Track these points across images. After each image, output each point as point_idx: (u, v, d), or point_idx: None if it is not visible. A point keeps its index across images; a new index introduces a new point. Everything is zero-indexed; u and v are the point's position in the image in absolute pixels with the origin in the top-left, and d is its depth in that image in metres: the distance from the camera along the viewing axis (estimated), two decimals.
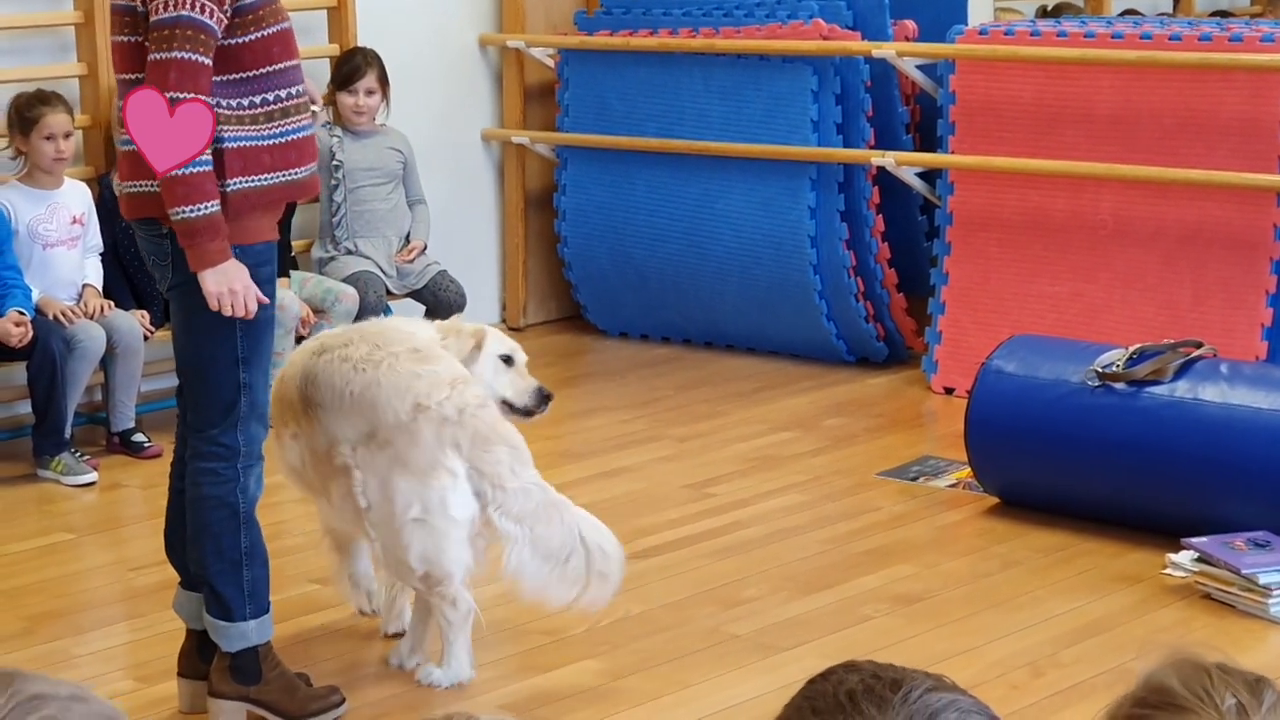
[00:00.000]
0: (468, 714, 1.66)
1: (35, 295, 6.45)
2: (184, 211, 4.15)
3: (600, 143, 8.23)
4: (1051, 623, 4.98)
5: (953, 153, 7.38)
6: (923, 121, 7.92)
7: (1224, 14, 10.18)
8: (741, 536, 5.75)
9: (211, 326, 4.23)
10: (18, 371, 6.61)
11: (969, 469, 6.01)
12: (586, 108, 8.30)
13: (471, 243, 8.40)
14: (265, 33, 4.25)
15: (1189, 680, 1.69)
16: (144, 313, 6.86)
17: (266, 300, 4.27)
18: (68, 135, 6.64)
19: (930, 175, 7.65)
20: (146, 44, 4.19)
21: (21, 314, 6.31)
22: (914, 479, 6.29)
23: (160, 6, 4.12)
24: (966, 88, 7.31)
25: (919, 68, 7.57)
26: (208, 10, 4.12)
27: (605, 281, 8.38)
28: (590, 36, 8.26)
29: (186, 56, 4.11)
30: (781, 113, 7.72)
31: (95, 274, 6.80)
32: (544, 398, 5.02)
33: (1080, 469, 5.66)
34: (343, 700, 4.47)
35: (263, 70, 4.25)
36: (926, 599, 5.19)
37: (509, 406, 4.93)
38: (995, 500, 5.97)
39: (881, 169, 7.57)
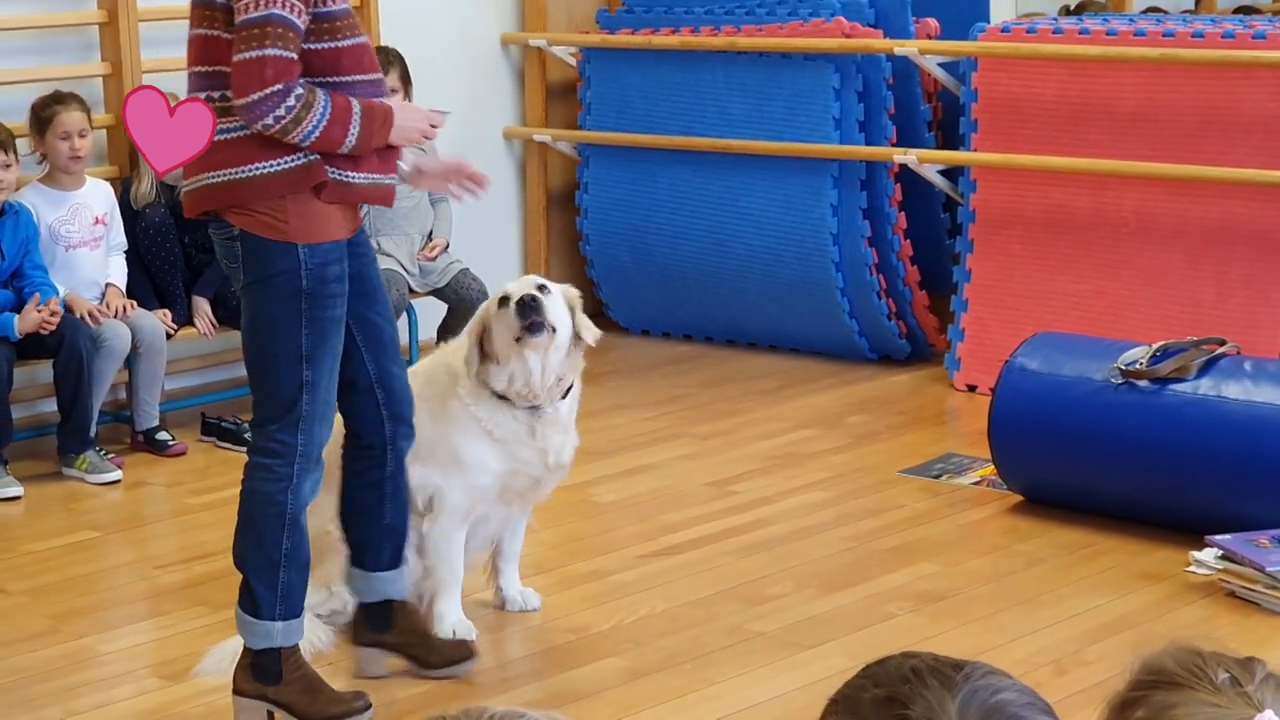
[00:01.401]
0: (480, 707, 1.67)
1: (62, 293, 6.46)
2: (347, 146, 4.25)
3: (622, 141, 8.23)
4: (1075, 620, 4.98)
5: (975, 150, 7.37)
6: (945, 119, 7.92)
7: (1247, 10, 10.15)
8: (765, 534, 5.75)
9: (276, 324, 4.27)
10: (43, 370, 6.63)
11: (992, 466, 6.01)
12: (608, 106, 8.31)
13: (493, 241, 8.41)
14: (337, 44, 4.28)
15: (1183, 660, 1.75)
16: (166, 312, 6.88)
17: (438, 115, 4.39)
18: (83, 133, 6.65)
19: (952, 173, 7.64)
20: (222, 38, 4.24)
21: (46, 305, 6.32)
22: (937, 477, 6.28)
23: (250, 5, 4.15)
24: (989, 85, 7.30)
25: (941, 65, 7.57)
26: (295, 9, 4.17)
27: (627, 279, 8.39)
28: (612, 35, 8.26)
29: (280, 53, 4.14)
30: (804, 110, 7.72)
31: (119, 274, 6.82)
32: (521, 303, 4.87)
33: (1104, 466, 5.65)
34: (367, 706, 4.45)
35: (329, 79, 4.27)
36: (950, 597, 5.18)
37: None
38: (1018, 498, 5.96)
39: (904, 166, 7.57)
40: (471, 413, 4.86)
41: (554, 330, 4.84)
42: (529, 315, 4.82)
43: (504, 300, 4.88)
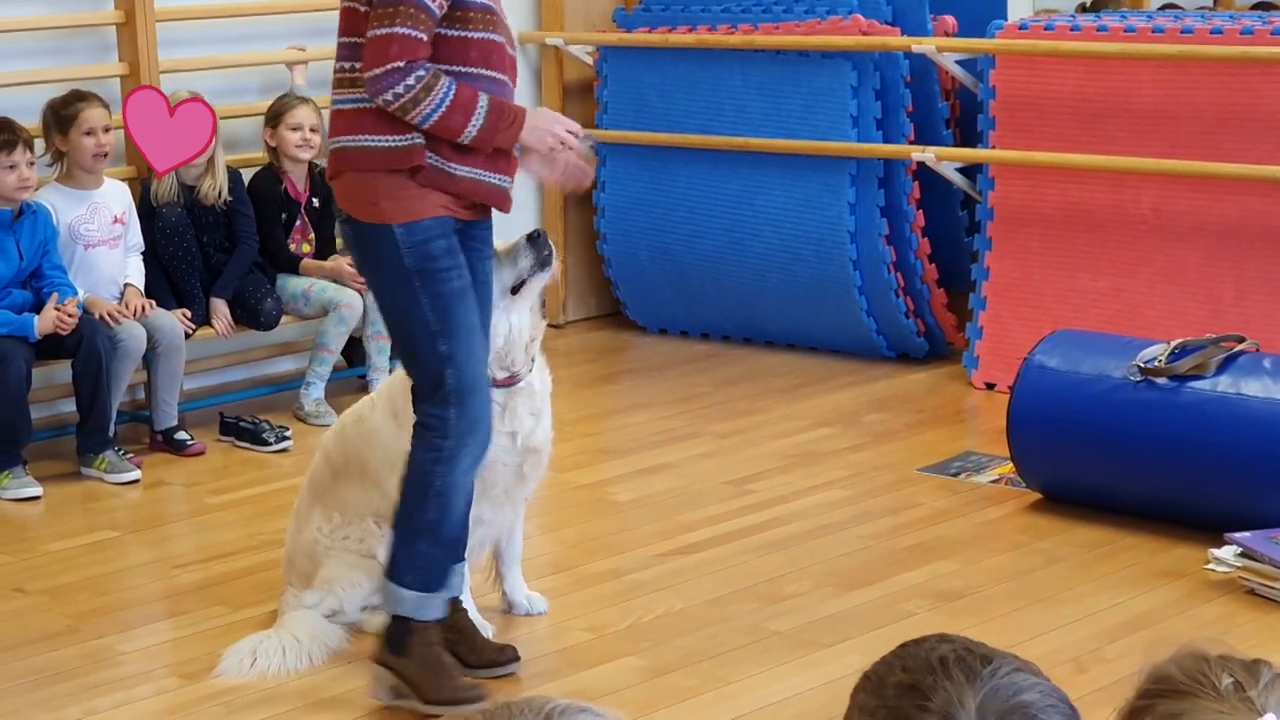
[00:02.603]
0: (543, 698, 1.67)
1: (81, 296, 6.47)
2: (467, 136, 4.31)
3: (639, 139, 8.23)
4: (1095, 618, 4.97)
5: (993, 148, 7.36)
6: (963, 116, 7.91)
7: (1266, 7, 10.12)
8: (782, 533, 5.75)
9: (399, 304, 4.37)
10: (61, 370, 6.64)
11: (1011, 464, 6.00)
12: (625, 105, 8.31)
13: (510, 234, 8.37)
14: (468, 34, 4.34)
15: (1188, 668, 1.77)
16: (185, 311, 6.89)
17: (576, 129, 4.47)
18: (107, 129, 6.67)
19: (971, 170, 7.63)
20: (359, 10, 4.33)
21: (64, 305, 6.33)
22: (955, 475, 6.28)
23: None
24: (1007, 82, 7.29)
25: (959, 63, 7.56)
26: None
27: (645, 278, 8.39)
28: (629, 34, 8.26)
29: (408, 32, 4.22)
30: (821, 108, 7.71)
31: (137, 273, 6.83)
32: (534, 237, 4.88)
33: (1123, 464, 5.64)
34: (481, 697, 4.43)
35: (454, 68, 4.32)
36: (969, 595, 5.18)
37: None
38: (1037, 496, 5.95)
39: (921, 164, 7.56)
40: None
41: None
42: (544, 247, 4.83)
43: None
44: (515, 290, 4.80)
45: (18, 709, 4.58)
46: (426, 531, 4.43)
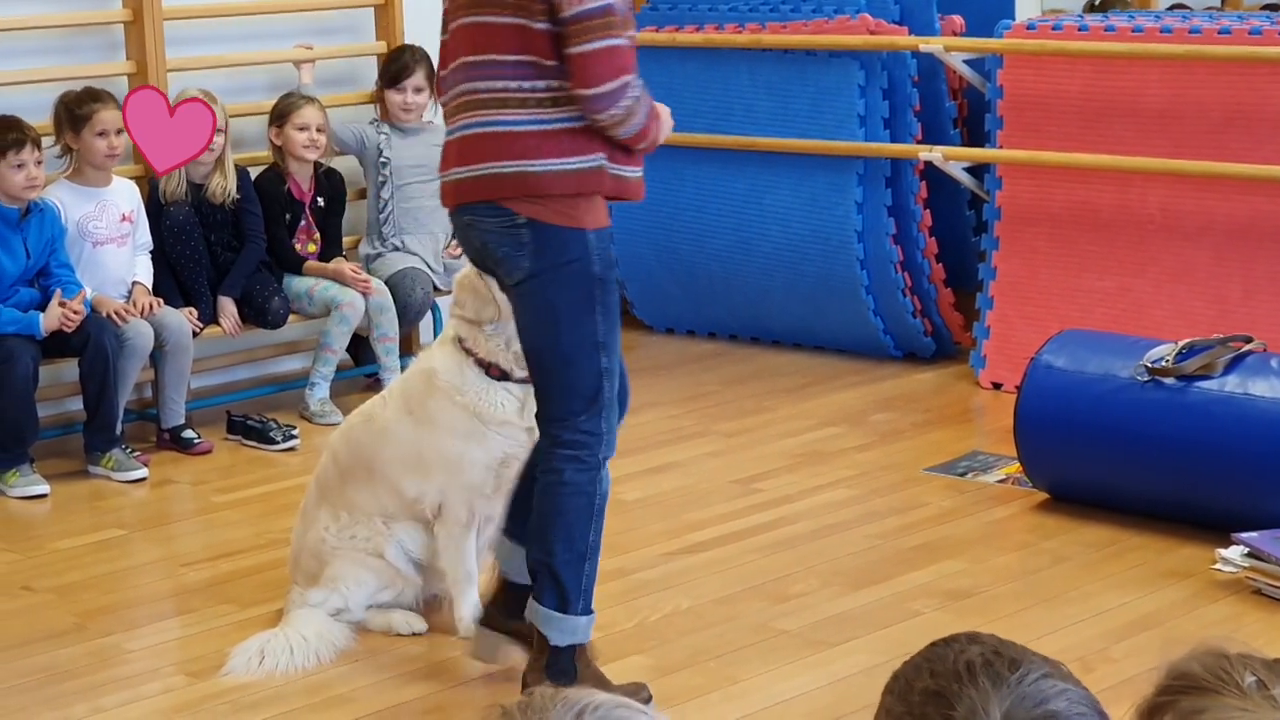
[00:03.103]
0: (580, 694, 1.66)
1: (89, 294, 6.47)
2: (648, 140, 4.37)
3: None
4: (1101, 618, 4.97)
5: (1000, 147, 7.36)
6: (970, 116, 7.91)
7: (1273, 8, 10.11)
8: (789, 532, 5.75)
9: (574, 314, 4.24)
10: (69, 368, 6.64)
11: (1018, 464, 5.99)
12: None
13: None
14: (632, 39, 4.32)
15: (1210, 665, 1.76)
16: (192, 310, 6.89)
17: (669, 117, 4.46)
18: (119, 131, 6.68)
19: (978, 170, 7.63)
20: (534, 28, 4.17)
21: (67, 302, 6.33)
22: (962, 474, 6.28)
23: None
24: (1014, 82, 7.29)
25: (966, 62, 7.55)
26: None
27: (652, 277, 8.39)
28: (637, 33, 8.24)
29: (625, 43, 4.19)
30: (828, 108, 7.71)
31: (145, 272, 6.84)
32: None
33: (1130, 464, 5.64)
34: (650, 698, 4.38)
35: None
36: (976, 594, 5.18)
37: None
38: (1044, 495, 5.95)
39: (929, 164, 7.56)
40: (457, 403, 4.78)
41: None
42: None
43: None
44: None
45: (25, 706, 4.59)
46: (591, 553, 4.33)
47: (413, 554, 4.96)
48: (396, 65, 7.54)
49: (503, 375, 4.79)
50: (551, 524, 4.31)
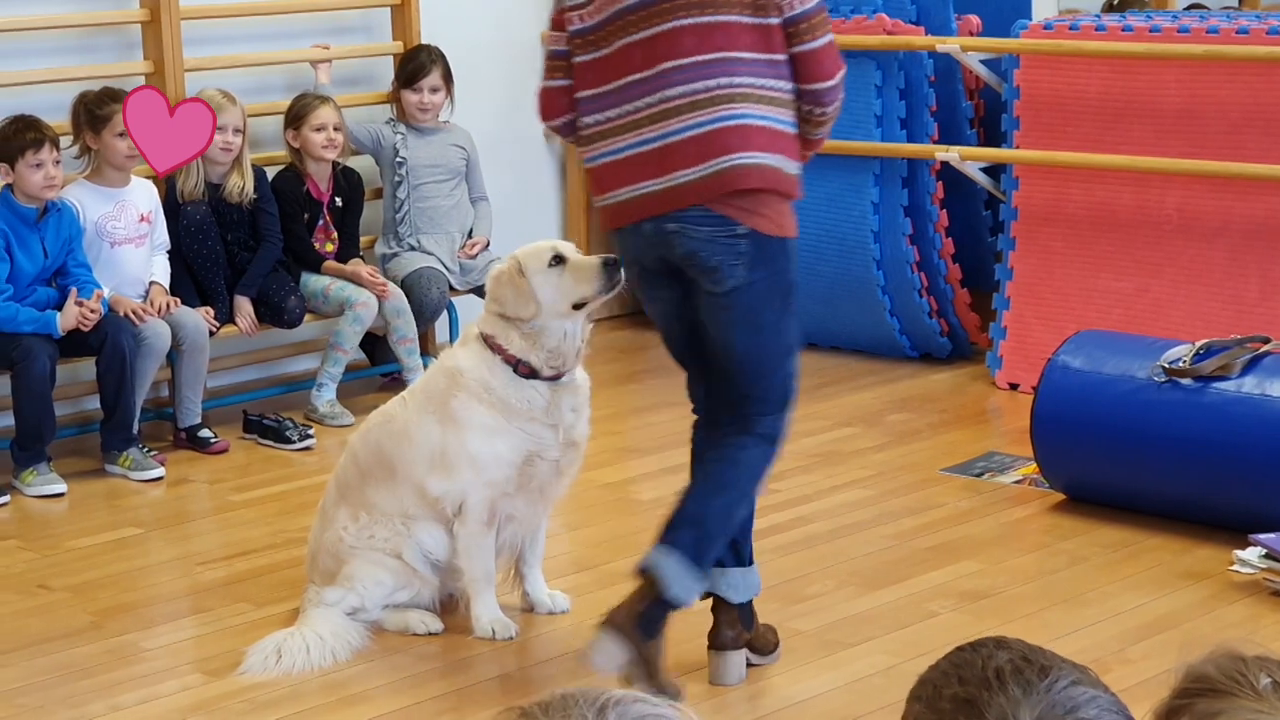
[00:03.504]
0: (599, 691, 1.66)
1: (106, 293, 6.48)
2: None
3: None
4: (1118, 619, 4.96)
5: (1017, 147, 7.35)
6: (987, 116, 7.90)
7: None
8: (806, 532, 5.75)
9: (777, 321, 4.44)
10: (86, 367, 6.65)
11: (1034, 465, 5.98)
12: None
13: (534, 238, 8.35)
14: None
15: (1225, 667, 1.76)
16: (209, 309, 6.90)
17: None
18: None
19: (995, 170, 7.62)
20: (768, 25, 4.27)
21: (84, 301, 6.33)
22: (979, 475, 6.27)
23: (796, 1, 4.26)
24: (1031, 82, 7.28)
25: (983, 62, 7.55)
26: None
27: None
28: None
29: (833, 38, 4.36)
30: (845, 107, 7.64)
31: (162, 272, 6.84)
32: (610, 264, 4.82)
33: (1146, 465, 5.63)
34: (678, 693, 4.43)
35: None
36: (992, 595, 5.17)
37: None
38: (1061, 496, 5.94)
39: (945, 164, 7.55)
40: (484, 400, 4.81)
41: None
42: (616, 274, 4.79)
43: (558, 259, 4.85)
44: (579, 307, 4.83)
45: (42, 704, 4.60)
46: (736, 528, 4.50)
47: (431, 555, 4.97)
48: (413, 65, 7.55)
49: (531, 373, 4.81)
50: (726, 492, 4.46)
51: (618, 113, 4.37)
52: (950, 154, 7.45)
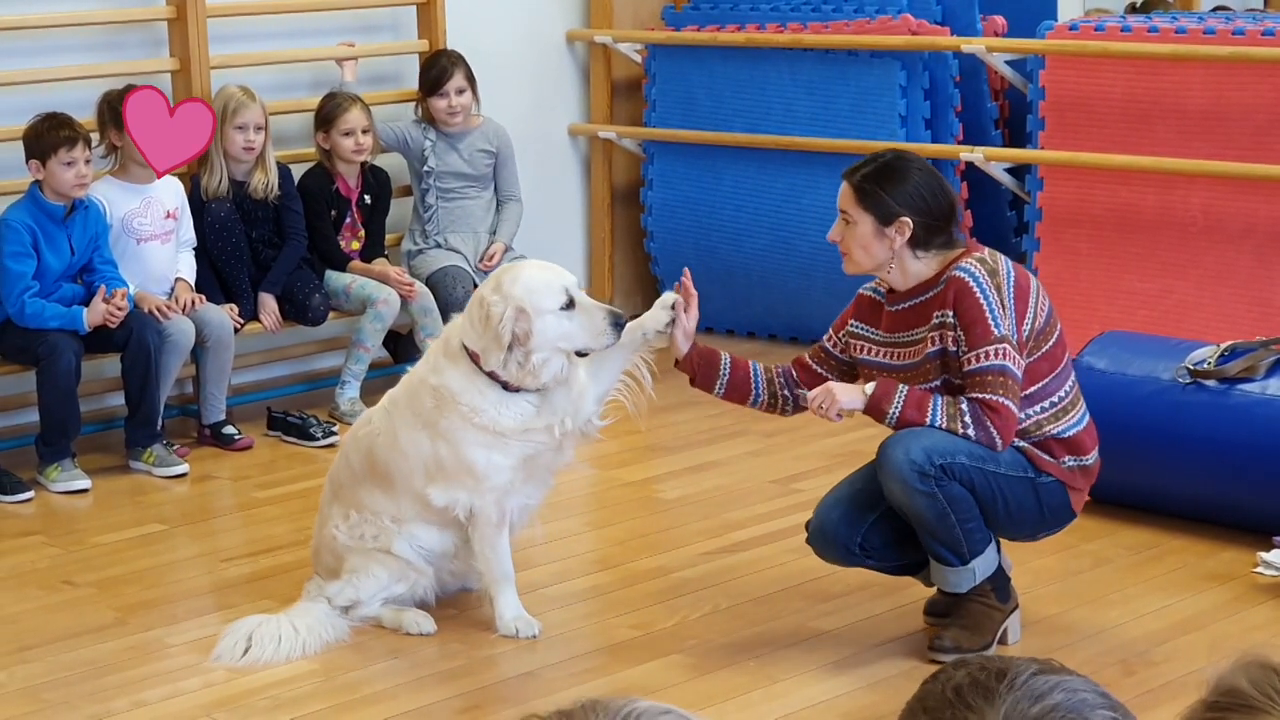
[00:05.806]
0: (626, 699, 1.66)
1: (131, 289, 6.49)
2: None
3: (687, 138, 8.23)
4: (1142, 621, 4.95)
5: (1042, 148, 7.34)
6: (1012, 117, 7.89)
7: None
8: None
9: None
10: (110, 364, 6.67)
11: None
12: (673, 103, 8.31)
13: (558, 238, 8.41)
14: None
15: (1258, 681, 1.72)
16: (233, 306, 6.91)
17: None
18: None
19: (1019, 171, 7.61)
20: None
21: (110, 298, 6.34)
22: None
23: None
24: (1056, 83, 7.27)
25: (1008, 63, 7.54)
26: None
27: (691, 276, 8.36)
28: (678, 32, 8.26)
29: None
30: (869, 108, 7.70)
31: (188, 268, 6.86)
32: (617, 323, 4.87)
33: (1171, 466, 5.62)
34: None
35: None
36: None
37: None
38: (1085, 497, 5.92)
39: (970, 164, 7.55)
40: (476, 423, 4.81)
41: None
42: (619, 331, 4.84)
43: (570, 304, 4.84)
44: (581, 355, 4.87)
45: (67, 699, 4.61)
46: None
47: (423, 549, 4.99)
48: (434, 71, 7.52)
49: (519, 387, 4.83)
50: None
51: None
52: (975, 154, 7.44)
